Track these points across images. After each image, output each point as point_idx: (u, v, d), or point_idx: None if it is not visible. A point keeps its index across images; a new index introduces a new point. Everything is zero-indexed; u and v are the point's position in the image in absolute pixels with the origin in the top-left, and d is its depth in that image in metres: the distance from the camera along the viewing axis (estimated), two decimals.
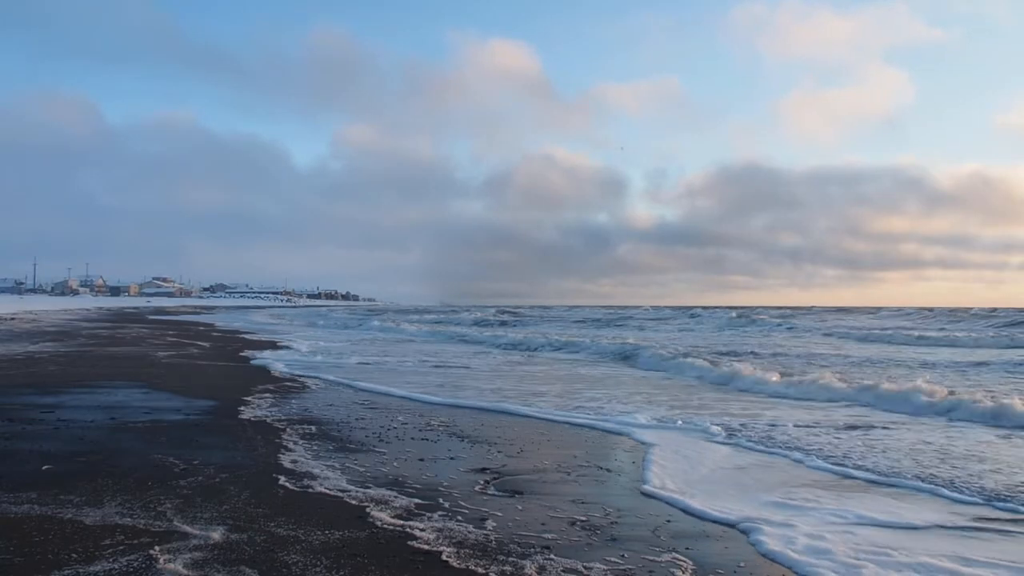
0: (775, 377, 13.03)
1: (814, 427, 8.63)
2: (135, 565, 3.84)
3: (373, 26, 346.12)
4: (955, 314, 45.84)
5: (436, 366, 16.87)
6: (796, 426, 8.61)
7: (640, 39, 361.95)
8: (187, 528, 4.45)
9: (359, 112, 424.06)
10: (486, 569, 3.97)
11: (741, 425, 8.65)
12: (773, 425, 8.68)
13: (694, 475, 6.20)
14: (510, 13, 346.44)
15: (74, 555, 3.96)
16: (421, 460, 6.64)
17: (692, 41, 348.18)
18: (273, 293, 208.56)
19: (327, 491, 5.45)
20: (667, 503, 5.35)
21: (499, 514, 4.99)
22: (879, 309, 68.70)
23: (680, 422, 8.74)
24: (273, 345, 23.28)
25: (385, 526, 4.65)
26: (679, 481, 5.95)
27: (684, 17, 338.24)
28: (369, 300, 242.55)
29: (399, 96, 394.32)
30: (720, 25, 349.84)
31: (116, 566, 3.82)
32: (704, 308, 71.58)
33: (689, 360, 16.14)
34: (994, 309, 53.34)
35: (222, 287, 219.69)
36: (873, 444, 7.59)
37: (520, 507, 5.20)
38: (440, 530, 4.60)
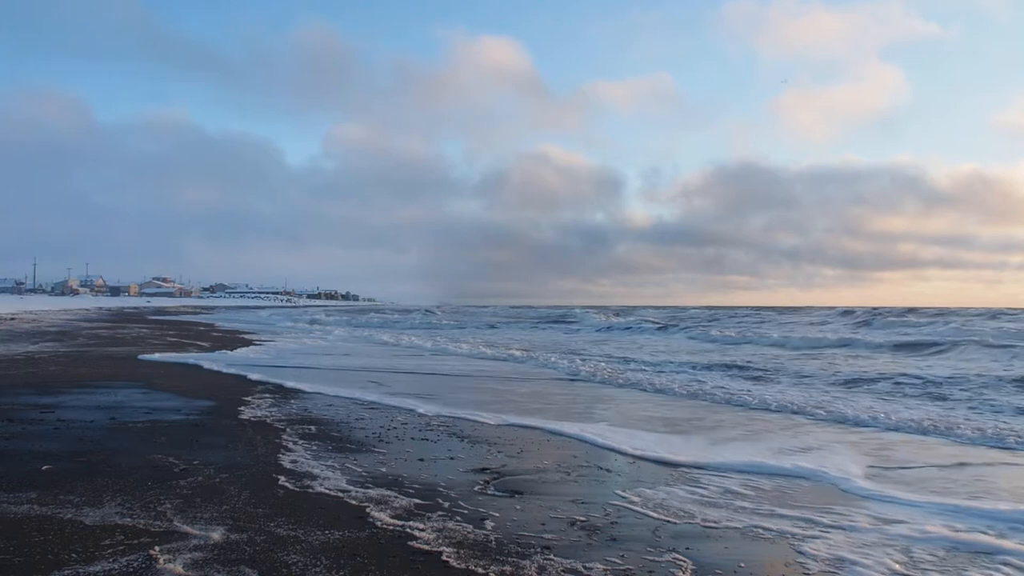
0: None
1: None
2: (135, 565, 3.84)
3: (362, 24, 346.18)
4: (904, 315, 43.24)
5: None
6: None
7: (632, 36, 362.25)
8: (187, 528, 4.45)
9: (350, 111, 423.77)
10: (486, 569, 3.98)
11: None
12: None
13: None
14: (500, 10, 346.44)
15: (74, 555, 3.96)
16: (421, 460, 6.64)
17: (685, 38, 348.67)
18: (273, 293, 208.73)
19: (327, 491, 5.45)
20: None
21: (498, 514, 4.99)
22: (828, 308, 66.57)
23: None
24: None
25: (385, 526, 4.65)
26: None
27: (676, 14, 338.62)
28: (369, 300, 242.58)
29: (390, 94, 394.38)
30: (713, 22, 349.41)
31: (116, 566, 3.82)
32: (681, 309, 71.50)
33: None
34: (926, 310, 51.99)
35: (222, 287, 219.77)
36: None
37: (520, 507, 5.20)
38: (440, 530, 4.60)
